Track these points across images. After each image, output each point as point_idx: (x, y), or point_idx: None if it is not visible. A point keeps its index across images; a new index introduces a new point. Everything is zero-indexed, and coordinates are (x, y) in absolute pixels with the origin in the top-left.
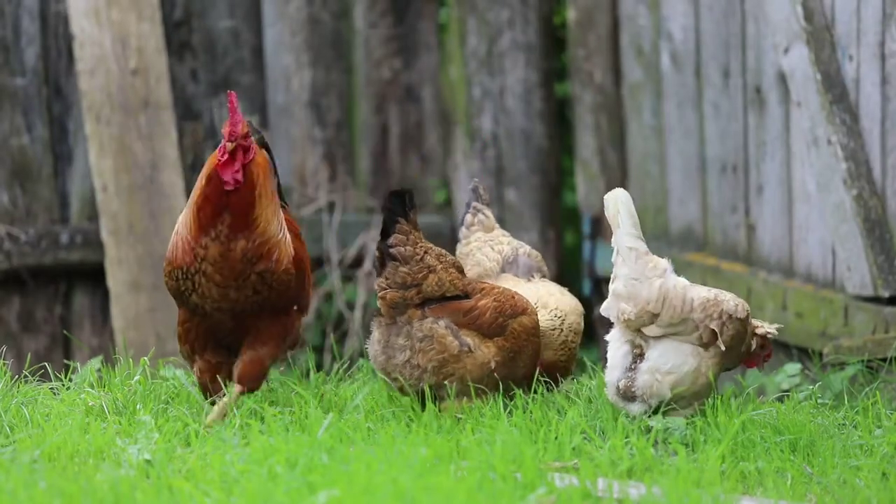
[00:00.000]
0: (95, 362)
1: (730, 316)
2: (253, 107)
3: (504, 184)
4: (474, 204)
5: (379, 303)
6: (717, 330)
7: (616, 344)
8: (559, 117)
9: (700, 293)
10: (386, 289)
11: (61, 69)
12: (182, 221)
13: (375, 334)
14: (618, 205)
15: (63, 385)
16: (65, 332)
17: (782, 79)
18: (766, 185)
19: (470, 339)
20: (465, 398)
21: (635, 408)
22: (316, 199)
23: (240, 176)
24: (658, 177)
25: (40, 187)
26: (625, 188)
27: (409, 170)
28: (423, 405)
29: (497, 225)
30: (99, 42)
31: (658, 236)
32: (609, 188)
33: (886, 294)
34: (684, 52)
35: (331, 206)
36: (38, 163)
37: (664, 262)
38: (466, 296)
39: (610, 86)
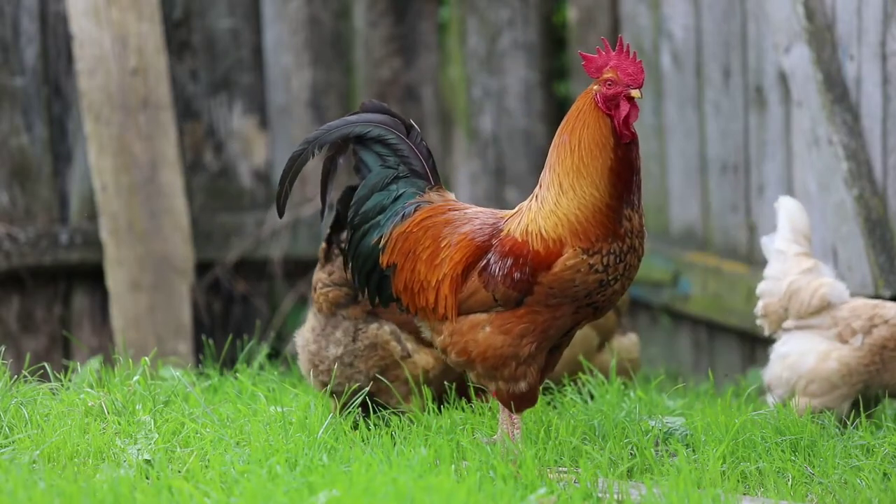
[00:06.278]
0: (95, 362)
1: (885, 320)
2: (253, 106)
3: (504, 184)
4: None
5: (319, 298)
6: (856, 328)
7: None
8: (559, 117)
9: (860, 300)
10: (329, 286)
11: (61, 69)
12: (575, 193)
13: (312, 321)
14: (780, 211)
15: (62, 385)
16: (64, 332)
17: (783, 78)
18: (767, 184)
19: (410, 343)
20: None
21: (770, 400)
22: (316, 198)
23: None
24: (659, 176)
25: (40, 187)
26: None
27: None
28: (354, 408)
29: None
30: (98, 42)
31: (658, 236)
32: None
33: (887, 294)
34: (685, 52)
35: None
36: (37, 162)
37: (809, 262)
38: None
39: None
